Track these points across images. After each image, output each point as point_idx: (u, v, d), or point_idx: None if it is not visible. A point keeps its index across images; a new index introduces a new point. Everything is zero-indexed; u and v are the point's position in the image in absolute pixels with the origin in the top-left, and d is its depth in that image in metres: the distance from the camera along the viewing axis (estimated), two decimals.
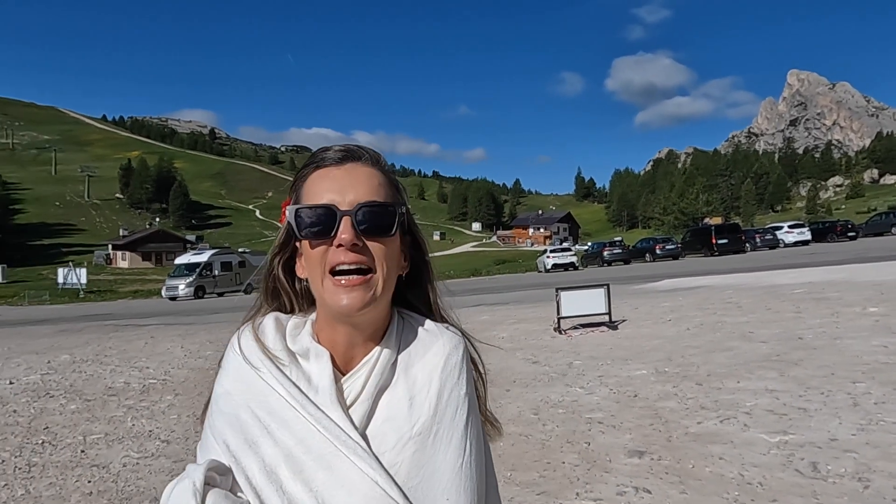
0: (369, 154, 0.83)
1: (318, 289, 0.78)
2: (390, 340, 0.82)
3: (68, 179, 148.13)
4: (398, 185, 0.85)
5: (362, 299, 0.76)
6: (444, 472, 0.75)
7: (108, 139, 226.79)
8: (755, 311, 8.76)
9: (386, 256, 0.79)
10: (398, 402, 0.78)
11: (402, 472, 0.74)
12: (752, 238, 35.83)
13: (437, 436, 0.77)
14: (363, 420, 0.77)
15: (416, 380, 0.80)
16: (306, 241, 0.78)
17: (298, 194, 0.82)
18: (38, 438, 4.91)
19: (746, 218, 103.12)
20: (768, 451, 3.60)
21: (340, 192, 0.78)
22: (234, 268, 35.05)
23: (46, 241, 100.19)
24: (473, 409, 0.81)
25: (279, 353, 0.80)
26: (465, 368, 0.82)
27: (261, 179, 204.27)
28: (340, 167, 0.80)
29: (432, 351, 0.82)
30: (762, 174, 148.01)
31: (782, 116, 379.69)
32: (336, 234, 0.76)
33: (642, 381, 5.51)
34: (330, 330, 0.80)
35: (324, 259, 0.77)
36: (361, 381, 0.78)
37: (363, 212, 0.77)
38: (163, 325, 14.14)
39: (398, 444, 0.75)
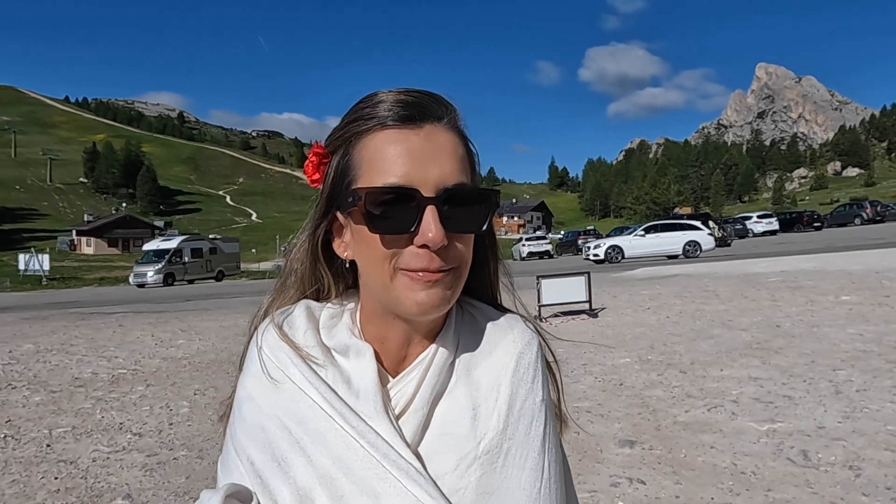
0: (449, 111, 0.65)
1: (382, 282, 0.62)
2: (448, 336, 0.67)
3: (30, 162, 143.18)
4: (475, 153, 0.68)
5: (443, 297, 0.61)
6: (518, 500, 0.61)
7: (72, 121, 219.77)
8: (733, 300, 8.85)
9: (467, 253, 0.64)
10: (459, 412, 0.63)
11: (466, 501, 0.60)
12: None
13: (509, 455, 0.62)
14: (416, 434, 0.63)
15: (481, 385, 0.65)
16: (365, 229, 0.61)
17: (352, 157, 0.63)
18: (0, 433, 4.65)
19: (716, 208, 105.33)
20: (758, 439, 3.58)
21: (420, 167, 0.60)
22: (204, 254, 34.38)
23: (7, 226, 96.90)
24: (551, 419, 0.66)
25: (312, 351, 0.65)
26: (541, 370, 0.67)
27: (232, 165, 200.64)
28: (418, 131, 0.61)
29: (500, 349, 0.67)
30: (731, 165, 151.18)
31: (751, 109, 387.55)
32: (418, 228, 0.59)
33: (627, 369, 5.48)
34: (380, 323, 0.66)
35: (395, 256, 0.60)
36: (413, 386, 0.64)
37: (452, 199, 0.60)
38: (132, 313, 13.72)
39: (460, 466, 0.61)
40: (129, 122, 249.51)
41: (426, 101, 0.63)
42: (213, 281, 33.46)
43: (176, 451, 4.04)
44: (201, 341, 8.51)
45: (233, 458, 0.64)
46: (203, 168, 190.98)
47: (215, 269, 34.73)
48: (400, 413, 0.63)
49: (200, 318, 11.47)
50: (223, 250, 36.04)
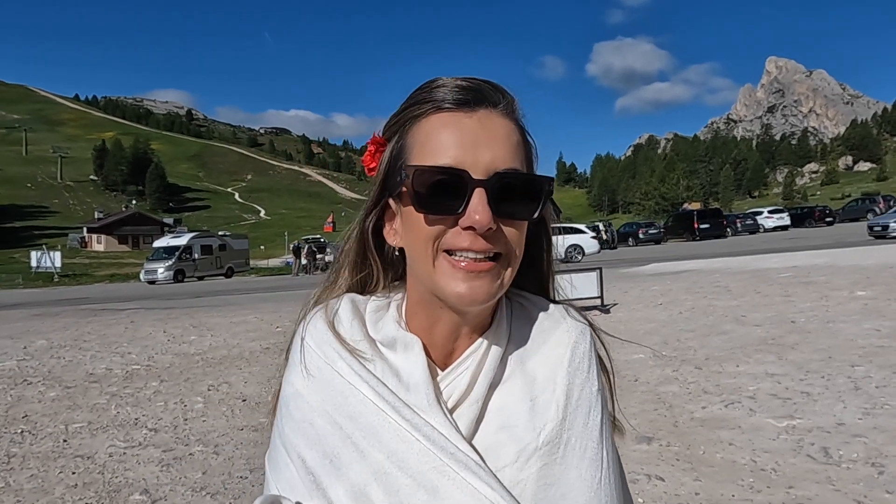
0: (506, 98, 0.63)
1: (425, 267, 0.61)
2: (500, 328, 0.66)
3: (40, 160, 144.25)
4: (532, 144, 0.66)
5: (488, 291, 0.59)
6: (579, 491, 0.60)
7: (80, 119, 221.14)
8: (745, 295, 8.78)
9: (519, 243, 0.62)
10: (516, 404, 0.63)
11: (527, 493, 0.59)
12: (732, 223, 36.39)
13: (569, 446, 0.61)
14: (471, 426, 0.62)
15: (537, 376, 0.64)
16: (413, 210, 0.60)
17: (405, 141, 0.63)
18: (17, 428, 4.69)
19: (725, 203, 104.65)
20: (777, 436, 3.54)
21: (471, 149, 0.59)
22: (214, 251, 34.53)
23: (18, 223, 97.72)
24: (606, 409, 0.66)
25: (359, 344, 0.65)
26: (595, 360, 0.66)
27: (239, 162, 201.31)
28: (472, 114, 0.61)
29: (554, 339, 0.66)
30: (741, 160, 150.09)
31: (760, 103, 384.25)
32: (465, 210, 0.58)
33: (641, 365, 5.45)
34: (427, 314, 0.65)
35: (439, 237, 0.60)
36: (467, 378, 0.63)
37: (502, 185, 0.59)
38: (142, 310, 13.80)
39: (520, 458, 0.60)
40: (138, 119, 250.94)
41: (483, 86, 0.62)
42: (222, 278, 33.61)
43: (192, 447, 4.05)
44: (213, 337, 8.54)
45: (282, 457, 0.63)
46: (211, 165, 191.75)
47: (225, 265, 34.88)
48: (454, 406, 0.62)
49: (210, 315, 11.52)
50: (232, 247, 36.17)
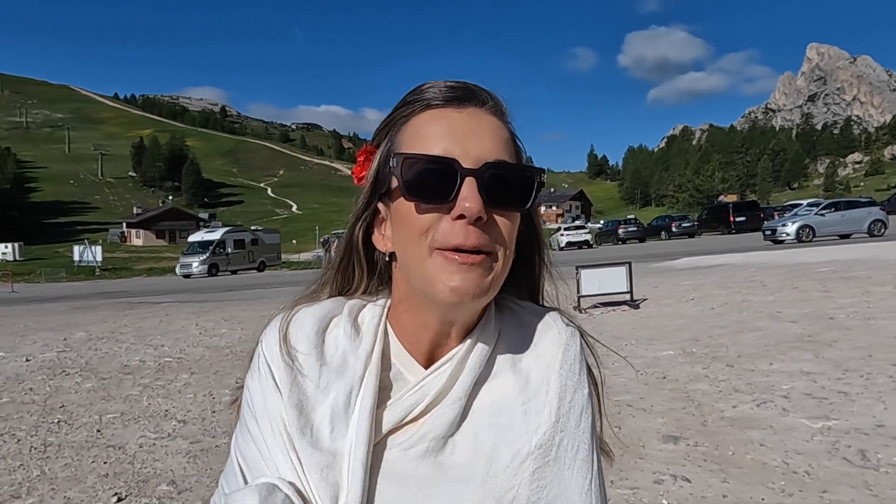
0: (494, 100, 0.64)
1: (417, 263, 0.60)
2: (487, 329, 0.65)
3: (82, 158, 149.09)
4: (520, 143, 0.67)
5: (479, 284, 0.59)
6: (572, 492, 0.60)
7: (119, 117, 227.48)
8: (781, 290, 8.51)
9: (511, 236, 0.62)
10: (508, 407, 0.63)
11: (522, 497, 0.59)
12: (770, 216, 35.29)
13: (561, 447, 0.62)
14: (450, 426, 0.62)
15: (530, 378, 0.64)
16: (405, 205, 0.60)
17: (395, 140, 0.63)
18: (54, 417, 4.85)
19: (762, 195, 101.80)
20: (811, 437, 3.41)
21: (461, 141, 0.59)
22: (246, 245, 35.17)
23: (62, 219, 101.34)
24: (594, 413, 0.66)
25: (305, 360, 0.64)
26: (585, 364, 0.67)
27: (272, 157, 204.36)
28: (461, 110, 0.61)
29: (546, 341, 0.66)
30: (779, 151, 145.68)
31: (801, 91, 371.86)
32: (455, 198, 0.57)
33: (670, 362, 5.33)
34: (414, 316, 0.64)
35: (430, 232, 0.59)
36: (445, 378, 0.62)
37: (492, 174, 0.58)
38: (177, 303, 14.15)
39: (514, 462, 0.60)
40: (174, 116, 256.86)
41: (472, 87, 0.64)
42: (255, 271, 34.24)
43: (218, 439, 4.13)
44: (243, 330, 8.69)
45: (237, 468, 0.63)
46: (244, 161, 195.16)
47: (257, 259, 35.51)
48: (429, 406, 0.62)
49: (242, 308, 11.73)
50: (265, 241, 36.79)
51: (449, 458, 0.61)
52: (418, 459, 0.60)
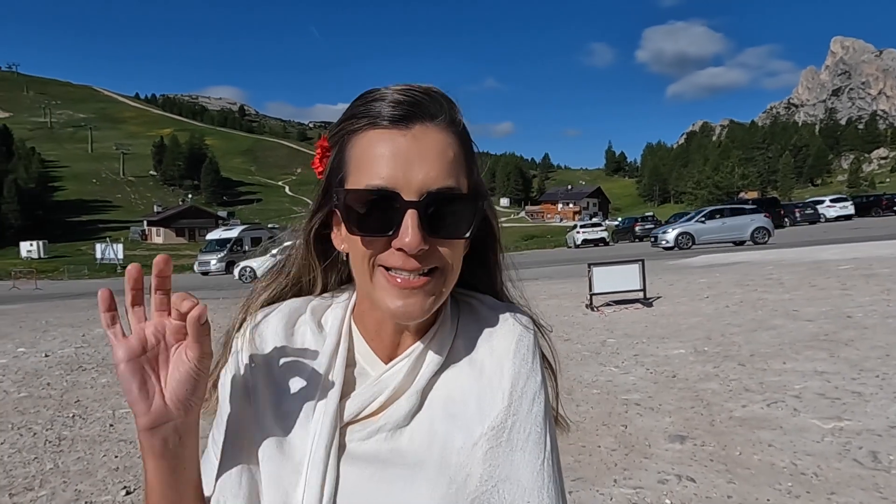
0: (444, 110, 0.64)
1: (364, 281, 0.64)
2: (444, 325, 0.69)
3: (104, 157, 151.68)
4: (474, 152, 0.68)
5: (422, 306, 0.62)
6: (523, 472, 0.62)
7: (141, 117, 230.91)
8: (799, 288, 8.36)
9: (455, 256, 0.64)
10: (464, 395, 0.66)
11: (474, 476, 0.61)
12: (791, 213, 34.73)
13: (514, 430, 0.64)
14: (408, 416, 0.65)
15: (484, 368, 0.67)
16: (350, 230, 0.63)
17: (344, 154, 0.64)
18: (70, 412, 4.94)
19: (784, 192, 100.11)
20: (822, 438, 3.35)
21: (404, 168, 0.60)
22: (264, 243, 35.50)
23: (84, 217, 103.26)
24: (548, 399, 0.69)
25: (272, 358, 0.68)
26: (539, 353, 0.70)
27: (289, 156, 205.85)
28: (406, 132, 0.61)
29: (500, 333, 0.69)
30: (801, 146, 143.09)
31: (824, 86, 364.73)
32: (397, 231, 0.60)
33: (681, 361, 5.26)
34: (372, 316, 0.68)
35: (374, 255, 0.62)
36: (404, 373, 0.66)
37: (434, 204, 0.60)
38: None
39: (467, 444, 0.63)
40: (193, 116, 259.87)
41: (420, 98, 0.62)
42: None
43: None
44: None
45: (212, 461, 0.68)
46: (262, 159, 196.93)
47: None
48: (391, 397, 0.65)
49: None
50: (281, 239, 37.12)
51: (406, 445, 0.63)
52: (376, 447, 0.63)
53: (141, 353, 0.58)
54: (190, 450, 0.62)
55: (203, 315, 0.55)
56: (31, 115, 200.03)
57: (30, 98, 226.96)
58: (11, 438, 4.33)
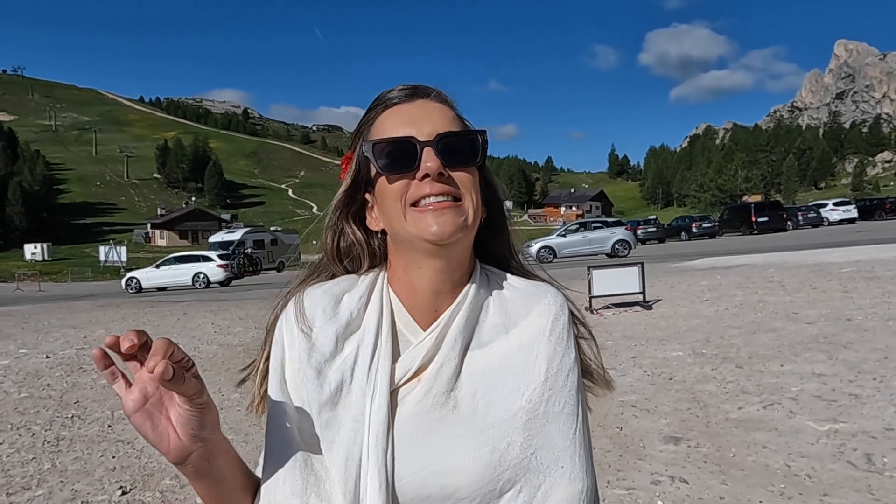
0: (436, 91, 0.78)
1: (400, 222, 0.72)
2: (478, 294, 0.75)
3: (108, 159, 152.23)
4: (466, 120, 0.79)
5: (454, 223, 0.70)
6: (557, 441, 0.70)
7: (145, 119, 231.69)
8: (800, 291, 8.35)
9: (473, 185, 0.73)
10: (502, 369, 0.72)
11: (515, 444, 0.69)
12: (794, 216, 34.59)
13: (550, 403, 0.71)
14: (450, 382, 0.71)
15: (521, 344, 0.73)
16: (382, 181, 0.73)
17: (365, 138, 0.76)
18: (69, 412, 4.97)
19: (788, 195, 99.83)
20: (817, 440, 3.35)
21: (415, 124, 0.73)
22: (266, 246, 35.62)
23: (89, 219, 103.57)
24: (580, 374, 0.75)
25: (321, 328, 0.73)
26: (573, 331, 0.77)
27: (293, 159, 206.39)
28: (411, 103, 0.75)
29: (536, 312, 0.75)
30: (805, 150, 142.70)
31: (828, 89, 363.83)
32: (419, 165, 0.70)
33: (679, 363, 5.26)
34: (407, 275, 0.74)
35: (405, 193, 0.71)
36: (442, 336, 0.72)
37: (444, 142, 0.72)
38: (196, 302, 14.38)
39: (507, 415, 0.70)
40: (198, 119, 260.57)
41: (419, 86, 0.77)
42: (274, 271, 34.60)
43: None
44: (257, 329, 8.79)
45: None
46: (266, 162, 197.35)
47: (276, 259, 35.90)
48: (426, 362, 0.71)
49: (258, 307, 11.87)
50: (284, 242, 37.20)
51: (451, 414, 0.69)
52: (423, 413, 0.69)
53: (145, 402, 0.61)
54: (223, 465, 0.67)
55: (166, 372, 0.56)
56: (36, 118, 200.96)
57: (35, 101, 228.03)
58: (11, 438, 4.36)
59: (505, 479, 0.68)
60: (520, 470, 0.68)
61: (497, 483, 0.67)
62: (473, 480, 0.67)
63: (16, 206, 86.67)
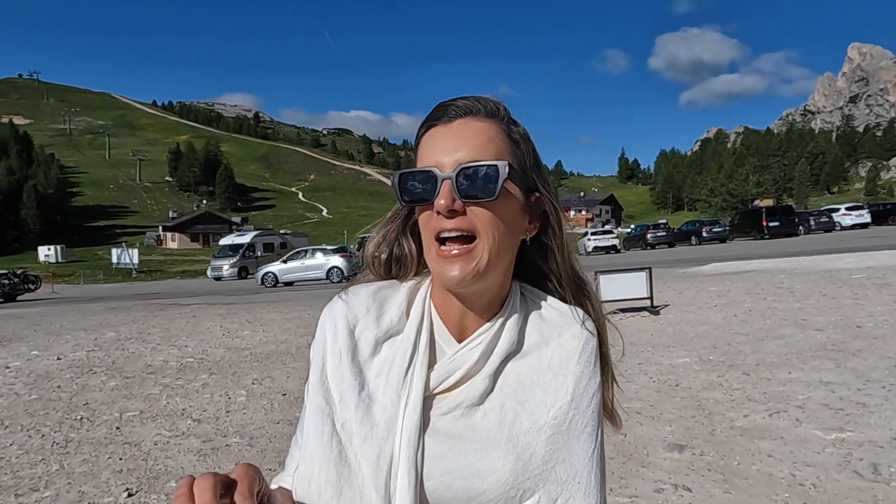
0: (486, 106, 0.77)
1: (428, 255, 0.76)
2: (513, 314, 0.78)
3: (121, 163, 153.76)
4: (520, 138, 0.79)
5: (463, 272, 0.72)
6: (577, 457, 0.74)
7: (158, 123, 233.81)
8: (810, 297, 8.27)
9: (492, 223, 0.73)
10: (532, 385, 0.76)
11: (538, 456, 0.73)
12: (805, 220, 34.29)
13: (573, 421, 0.74)
14: (483, 396, 0.75)
15: (552, 363, 0.77)
16: (402, 201, 0.77)
17: (415, 154, 0.80)
18: (78, 414, 5.02)
19: (800, 200, 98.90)
20: (823, 449, 3.32)
21: (447, 152, 0.73)
22: (275, 249, 35.78)
23: (102, 222, 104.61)
24: (602, 399, 0.79)
25: (364, 332, 0.78)
26: (599, 358, 0.79)
27: (303, 162, 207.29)
28: (450, 125, 0.75)
29: (569, 334, 0.78)
30: (818, 154, 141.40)
31: (841, 93, 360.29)
32: (436, 198, 0.72)
33: (685, 370, 5.23)
34: (442, 294, 0.78)
35: (429, 225, 0.74)
36: (478, 353, 0.75)
37: (462, 174, 0.72)
38: (205, 305, 14.48)
39: (533, 429, 0.74)
40: (209, 123, 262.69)
41: (466, 101, 0.76)
42: None
43: (229, 438, 4.21)
44: (265, 333, 8.85)
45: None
46: (276, 166, 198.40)
47: None
48: (465, 376, 0.75)
49: (266, 311, 11.93)
50: (293, 245, 37.33)
51: (479, 422, 0.73)
52: (454, 422, 0.73)
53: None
54: None
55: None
56: (51, 122, 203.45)
57: (50, 105, 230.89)
58: (20, 440, 4.41)
59: (526, 488, 0.71)
60: (540, 480, 0.72)
61: (518, 490, 0.71)
62: (497, 486, 0.71)
63: (30, 209, 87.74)
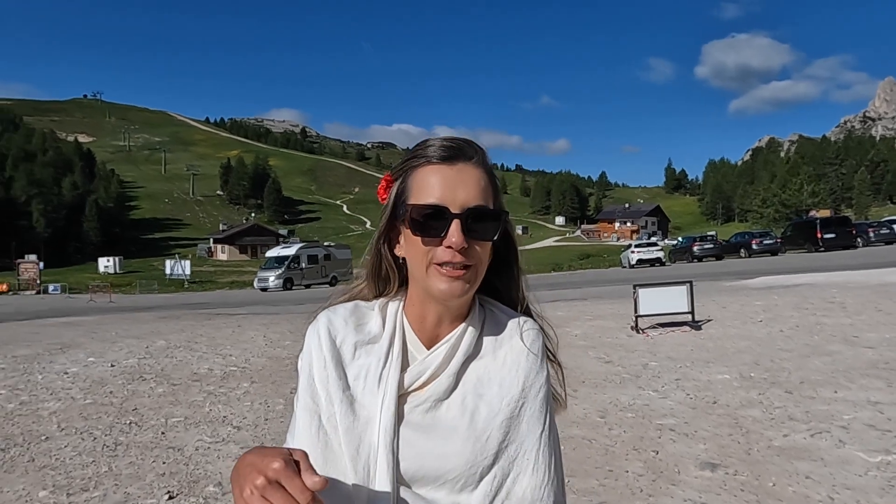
0: (478, 154, 0.90)
1: (420, 273, 0.87)
2: (473, 322, 0.92)
3: (176, 178, 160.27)
4: (497, 183, 0.93)
5: (461, 289, 0.86)
6: (526, 438, 0.88)
7: (210, 139, 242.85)
8: (862, 313, 7.91)
9: (485, 254, 0.88)
10: (489, 380, 0.90)
11: (493, 438, 0.87)
12: (864, 232, 32.68)
13: (523, 408, 0.89)
14: (448, 390, 0.89)
15: (505, 362, 0.92)
16: (411, 234, 0.86)
17: (407, 184, 0.89)
18: (127, 419, 5.26)
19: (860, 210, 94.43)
20: (866, 472, 3.19)
21: (451, 191, 0.84)
22: (320, 261, 36.43)
23: (157, 234, 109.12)
24: (549, 388, 0.93)
25: (343, 344, 0.90)
26: (545, 354, 0.95)
27: (348, 175, 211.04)
28: (452, 166, 0.86)
29: (517, 337, 0.93)
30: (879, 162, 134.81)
31: None
32: (446, 235, 0.83)
33: (724, 386, 5.10)
34: (420, 307, 0.91)
35: (430, 253, 0.85)
36: (443, 356, 0.89)
37: (472, 216, 0.84)
38: (250, 315, 14.90)
39: (489, 415, 0.88)
40: (258, 138, 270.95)
41: (461, 145, 0.88)
42: (327, 286, 35.36)
43: (265, 445, 4.35)
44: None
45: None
46: (322, 179, 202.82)
47: (329, 274, 36.69)
48: (433, 375, 0.89)
49: (307, 322, 12.19)
50: (336, 257, 37.98)
51: (445, 413, 0.88)
52: (423, 414, 0.88)
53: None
54: None
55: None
56: (112, 139, 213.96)
57: (111, 123, 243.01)
58: (74, 442, 4.66)
59: (484, 466, 0.86)
60: (496, 458, 0.86)
61: (478, 468, 0.85)
62: (459, 465, 0.85)
63: (92, 222, 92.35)
